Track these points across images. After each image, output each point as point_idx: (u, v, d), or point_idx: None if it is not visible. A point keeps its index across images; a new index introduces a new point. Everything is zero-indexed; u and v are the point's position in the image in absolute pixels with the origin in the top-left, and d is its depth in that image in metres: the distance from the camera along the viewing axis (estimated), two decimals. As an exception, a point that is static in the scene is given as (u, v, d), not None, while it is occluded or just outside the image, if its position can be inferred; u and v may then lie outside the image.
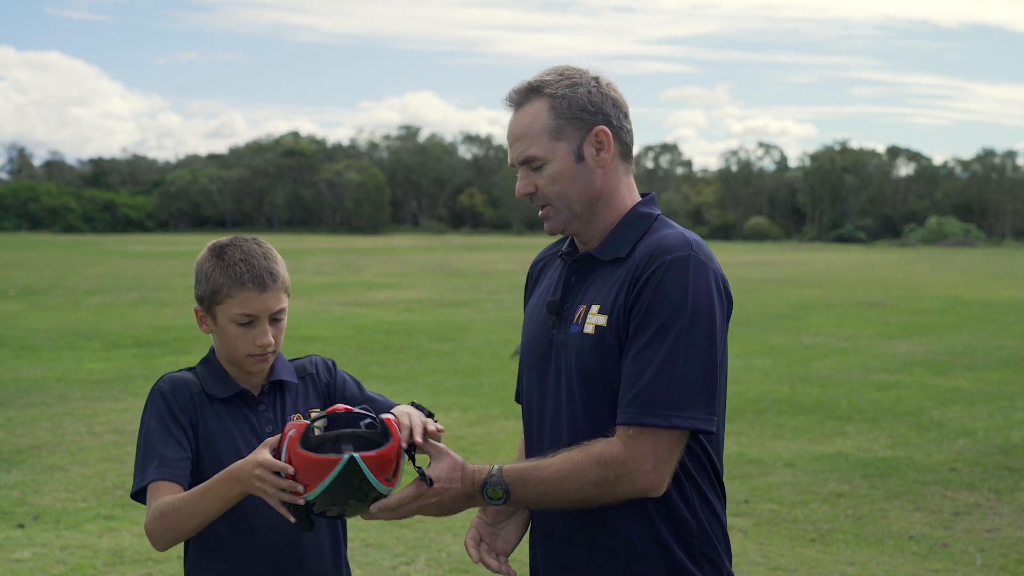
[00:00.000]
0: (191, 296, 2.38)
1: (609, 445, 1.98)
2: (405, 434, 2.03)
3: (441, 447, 2.05)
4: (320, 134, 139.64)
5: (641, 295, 2.02)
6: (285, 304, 2.33)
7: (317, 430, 1.97)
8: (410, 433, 2.04)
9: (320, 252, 45.82)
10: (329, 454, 1.93)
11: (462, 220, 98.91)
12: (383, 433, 1.97)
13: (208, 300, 2.30)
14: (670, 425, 1.95)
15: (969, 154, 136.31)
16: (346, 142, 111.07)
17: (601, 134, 2.12)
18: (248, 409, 2.33)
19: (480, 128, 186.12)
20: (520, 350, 2.31)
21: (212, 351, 2.38)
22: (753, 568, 5.31)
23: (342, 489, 1.94)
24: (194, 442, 2.27)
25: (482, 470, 2.02)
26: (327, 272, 32.08)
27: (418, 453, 2.07)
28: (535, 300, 2.30)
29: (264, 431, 2.30)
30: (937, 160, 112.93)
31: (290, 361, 2.44)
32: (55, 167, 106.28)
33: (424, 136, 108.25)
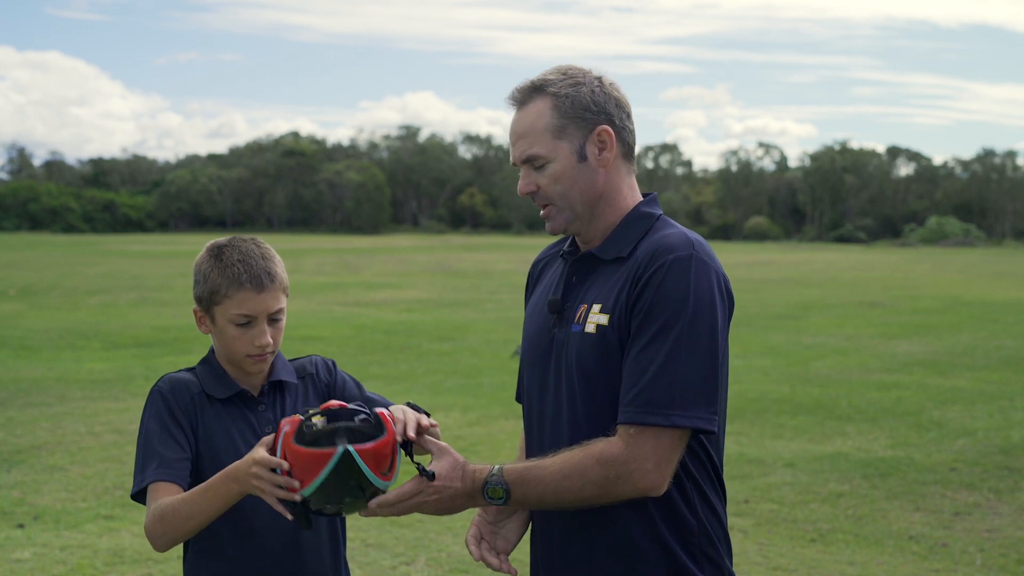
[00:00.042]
0: (191, 296, 2.38)
1: (610, 444, 1.98)
2: (400, 428, 2.02)
3: (443, 445, 2.05)
4: (320, 134, 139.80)
5: (643, 294, 2.02)
6: (283, 304, 2.32)
7: (312, 426, 1.96)
8: (404, 428, 2.03)
9: (320, 252, 45.82)
10: (324, 448, 1.93)
11: (462, 220, 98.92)
12: (377, 427, 1.96)
13: (206, 301, 2.30)
14: (671, 424, 1.95)
15: (969, 154, 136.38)
16: (346, 142, 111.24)
17: (604, 134, 2.12)
18: (248, 409, 2.33)
19: (480, 128, 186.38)
20: (521, 349, 2.31)
21: (212, 351, 2.38)
22: (753, 568, 5.31)
23: (338, 483, 1.93)
24: (194, 443, 2.27)
25: (483, 470, 2.02)
26: (327, 272, 32.08)
27: (420, 453, 2.07)
28: (536, 299, 2.29)
29: (264, 431, 2.30)
30: (937, 160, 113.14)
31: (290, 361, 2.44)
32: (55, 167, 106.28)
33: (424, 136, 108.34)
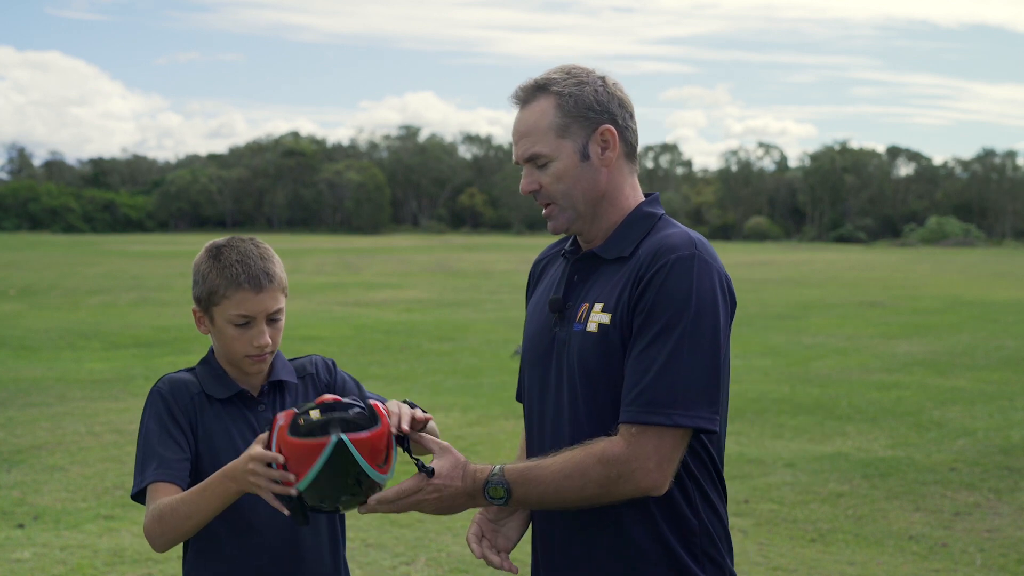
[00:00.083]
0: (191, 296, 2.37)
1: (612, 444, 1.97)
2: (394, 421, 2.01)
3: (444, 444, 2.04)
4: (320, 134, 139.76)
5: (645, 294, 2.01)
6: (282, 305, 2.32)
7: (307, 418, 1.94)
8: (399, 422, 2.02)
9: (320, 252, 45.82)
10: (318, 438, 1.91)
11: (462, 220, 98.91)
12: (371, 418, 1.95)
13: (205, 301, 2.30)
14: (673, 424, 1.95)
15: (969, 154, 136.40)
16: (346, 142, 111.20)
17: (607, 133, 2.12)
18: (247, 409, 2.33)
19: (480, 128, 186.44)
20: (521, 349, 2.31)
21: (211, 351, 2.38)
22: (753, 568, 5.31)
23: (332, 475, 1.91)
24: (193, 443, 2.27)
25: (484, 469, 2.02)
26: (327, 272, 32.08)
27: (421, 452, 2.06)
28: (537, 298, 2.29)
29: (263, 431, 2.29)
30: (937, 160, 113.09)
31: (290, 361, 2.43)
32: (55, 167, 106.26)
33: (424, 136, 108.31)
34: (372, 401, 2.00)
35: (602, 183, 2.14)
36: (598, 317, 2.07)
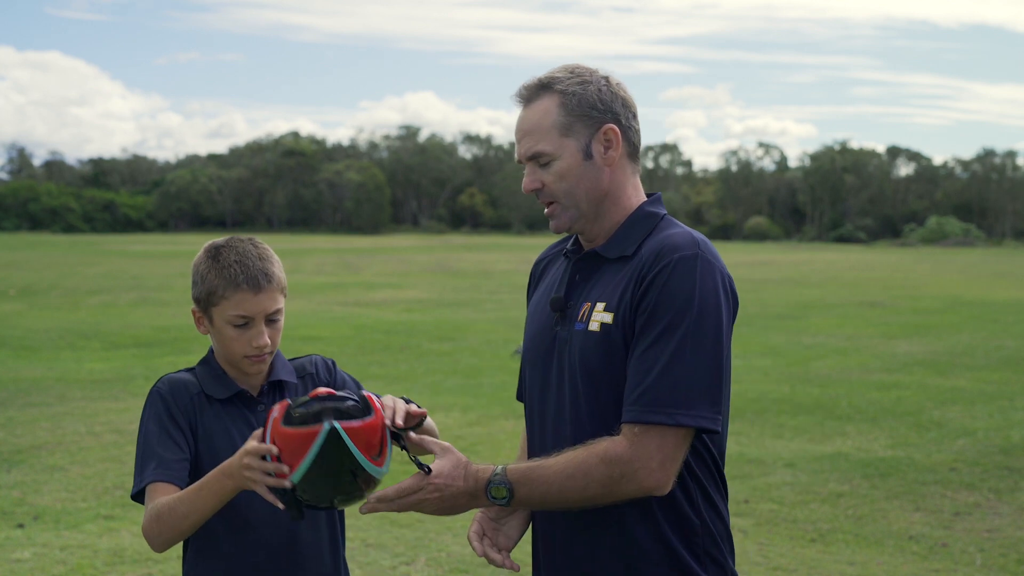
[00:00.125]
0: (190, 296, 2.37)
1: (614, 443, 1.97)
2: (388, 414, 2.01)
3: (445, 445, 2.04)
4: (320, 134, 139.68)
5: (648, 293, 2.01)
6: (281, 305, 2.31)
7: (299, 409, 1.93)
8: (393, 415, 2.01)
9: (320, 252, 45.82)
10: (311, 426, 1.90)
11: (462, 220, 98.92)
12: (365, 409, 1.94)
13: (204, 301, 2.30)
14: (676, 423, 1.95)
15: (969, 154, 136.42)
16: (346, 142, 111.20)
17: (610, 132, 2.12)
18: (247, 409, 2.32)
19: (480, 128, 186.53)
20: (522, 348, 2.31)
21: (211, 352, 2.37)
22: (753, 568, 5.30)
23: (327, 465, 1.89)
24: (193, 443, 2.27)
25: (486, 469, 2.01)
26: (327, 272, 32.08)
27: (422, 453, 2.06)
28: (538, 298, 2.29)
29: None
30: (937, 160, 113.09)
31: (290, 361, 2.43)
32: (55, 167, 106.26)
33: (424, 136, 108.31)
34: (366, 393, 2.00)
35: (605, 182, 2.13)
36: (600, 316, 2.06)
